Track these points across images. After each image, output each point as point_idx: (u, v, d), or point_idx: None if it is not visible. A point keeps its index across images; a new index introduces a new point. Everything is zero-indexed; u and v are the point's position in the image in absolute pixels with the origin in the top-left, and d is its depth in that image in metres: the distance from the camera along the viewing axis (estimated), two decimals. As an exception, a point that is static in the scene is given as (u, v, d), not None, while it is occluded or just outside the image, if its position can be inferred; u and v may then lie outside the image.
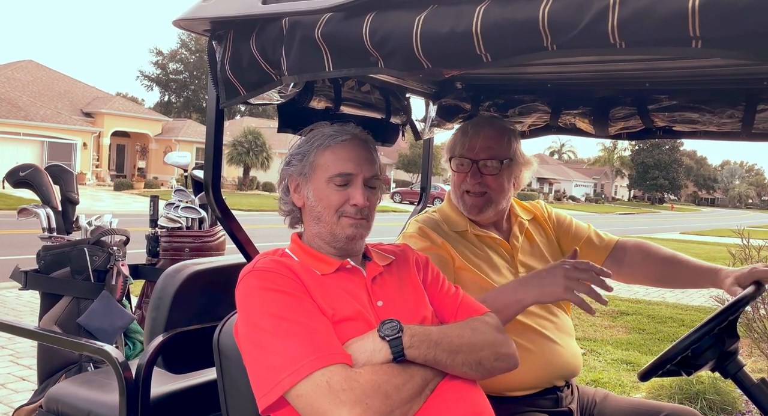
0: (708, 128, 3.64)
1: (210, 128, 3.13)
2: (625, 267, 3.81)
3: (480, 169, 3.48)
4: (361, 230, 2.66)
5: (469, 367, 2.50)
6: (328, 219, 2.66)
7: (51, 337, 3.84)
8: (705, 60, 3.11)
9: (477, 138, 3.49)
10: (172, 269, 3.28)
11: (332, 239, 2.67)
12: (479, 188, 3.49)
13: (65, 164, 5.96)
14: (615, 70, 3.60)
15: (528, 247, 3.69)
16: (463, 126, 3.72)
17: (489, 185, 3.49)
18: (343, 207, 2.64)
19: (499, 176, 3.50)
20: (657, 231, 45.51)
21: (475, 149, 3.49)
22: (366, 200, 2.64)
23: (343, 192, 2.64)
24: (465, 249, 3.47)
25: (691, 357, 2.94)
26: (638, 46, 1.88)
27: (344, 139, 2.69)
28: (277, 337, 2.33)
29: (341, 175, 2.64)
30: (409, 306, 2.66)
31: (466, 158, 3.51)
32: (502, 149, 3.51)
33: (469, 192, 3.53)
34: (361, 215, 2.65)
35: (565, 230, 3.90)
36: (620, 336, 11.17)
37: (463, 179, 3.54)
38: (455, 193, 3.61)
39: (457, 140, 3.61)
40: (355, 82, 3.82)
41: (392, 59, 2.30)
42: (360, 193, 2.63)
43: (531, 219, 3.84)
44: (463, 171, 3.53)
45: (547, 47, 1.99)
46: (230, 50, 2.80)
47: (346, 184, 2.65)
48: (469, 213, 3.55)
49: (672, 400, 6.74)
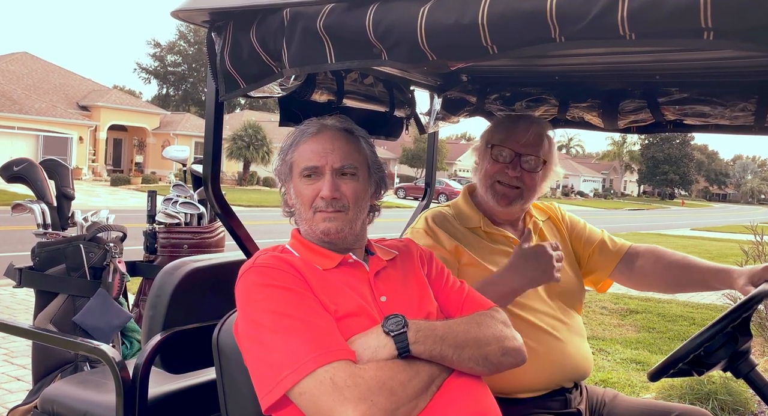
0: (720, 121, 3.64)
1: (209, 122, 3.13)
2: (636, 272, 3.82)
3: (521, 163, 3.48)
4: (336, 224, 2.65)
5: (475, 362, 2.51)
6: (305, 216, 2.70)
7: (46, 336, 3.85)
8: (717, 52, 3.10)
9: (526, 132, 3.48)
10: (171, 267, 3.28)
11: (314, 235, 2.69)
12: (515, 182, 3.49)
13: (61, 159, 5.95)
14: (624, 62, 3.59)
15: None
16: (508, 117, 3.74)
17: (525, 181, 3.49)
18: (316, 202, 2.66)
19: (536, 175, 3.51)
20: (667, 228, 45.47)
21: (521, 141, 3.48)
22: (335, 191, 2.63)
23: (313, 186, 2.67)
24: (476, 245, 3.48)
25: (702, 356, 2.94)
26: (648, 38, 1.87)
27: (312, 132, 2.73)
28: (278, 334, 2.33)
29: (307, 168, 2.67)
30: (413, 301, 2.67)
31: (509, 149, 3.49)
32: (544, 149, 3.52)
33: (501, 182, 3.51)
34: (334, 208, 2.64)
35: (578, 234, 3.90)
36: (630, 335, 11.17)
37: (499, 170, 3.51)
38: (485, 182, 3.58)
39: (501, 128, 3.60)
40: (358, 75, 3.82)
41: (396, 51, 2.30)
42: (327, 184, 2.63)
43: (545, 220, 3.85)
44: (504, 161, 3.51)
45: (555, 39, 1.99)
46: (230, 42, 2.79)
47: (315, 178, 2.67)
48: (498, 203, 3.53)
49: (683, 401, 6.73)
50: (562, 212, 3.97)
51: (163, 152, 7.77)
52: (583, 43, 1.97)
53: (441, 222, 3.53)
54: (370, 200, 2.80)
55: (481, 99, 4.25)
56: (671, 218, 66.96)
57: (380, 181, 2.85)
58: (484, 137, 3.67)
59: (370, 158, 2.80)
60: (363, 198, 2.73)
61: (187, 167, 7.25)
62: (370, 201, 2.80)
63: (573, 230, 3.91)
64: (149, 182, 53.68)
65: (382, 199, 2.90)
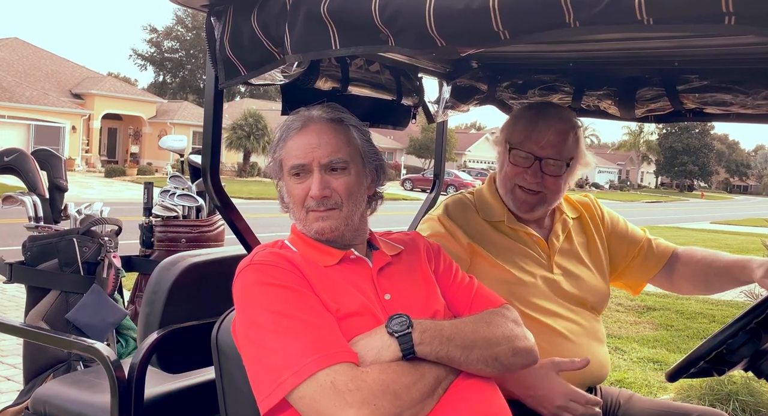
0: (741, 110, 3.62)
1: (208, 110, 3.13)
2: (677, 277, 3.82)
3: (542, 167, 3.40)
4: (330, 223, 2.63)
5: (485, 363, 2.49)
6: (299, 215, 2.69)
7: (38, 334, 3.86)
8: (739, 37, 3.08)
9: (546, 132, 3.40)
10: (168, 262, 3.29)
11: (310, 234, 2.68)
12: (536, 187, 3.43)
13: (53, 149, 5.95)
14: (642, 48, 3.58)
15: (567, 247, 3.64)
16: (527, 113, 3.62)
17: (547, 185, 3.43)
18: (307, 201, 2.64)
19: (560, 178, 3.45)
20: (686, 220, 45.47)
21: (541, 144, 3.39)
22: (324, 189, 2.60)
23: (302, 185, 2.64)
24: (495, 242, 3.44)
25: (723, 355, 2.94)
26: (667, 23, 1.86)
27: (297, 127, 2.70)
28: (277, 335, 2.33)
29: (294, 167, 2.65)
30: (419, 299, 2.66)
31: (528, 153, 3.41)
32: (568, 147, 3.44)
33: (522, 188, 3.45)
34: (326, 206, 2.62)
35: (620, 234, 3.85)
36: (647, 333, 11.17)
37: (518, 173, 3.45)
38: (505, 185, 3.53)
39: (520, 128, 3.50)
40: (364, 62, 3.81)
41: (403, 37, 2.29)
42: (315, 183, 2.60)
43: (576, 218, 3.78)
44: (523, 166, 3.43)
45: (569, 23, 1.97)
46: (230, 27, 2.79)
47: (303, 176, 2.64)
48: (519, 210, 3.51)
49: (702, 401, 6.73)
50: (601, 209, 3.89)
51: (159, 142, 7.76)
52: (599, 28, 1.96)
53: (461, 212, 3.50)
54: (367, 191, 2.76)
55: (492, 87, 4.24)
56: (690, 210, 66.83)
57: (378, 168, 2.82)
58: (503, 131, 3.60)
59: (362, 147, 2.75)
60: (357, 192, 2.69)
61: (185, 157, 7.24)
62: (367, 192, 2.76)
63: (613, 230, 3.85)
64: (145, 173, 53.73)
65: (383, 185, 2.88)
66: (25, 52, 65.91)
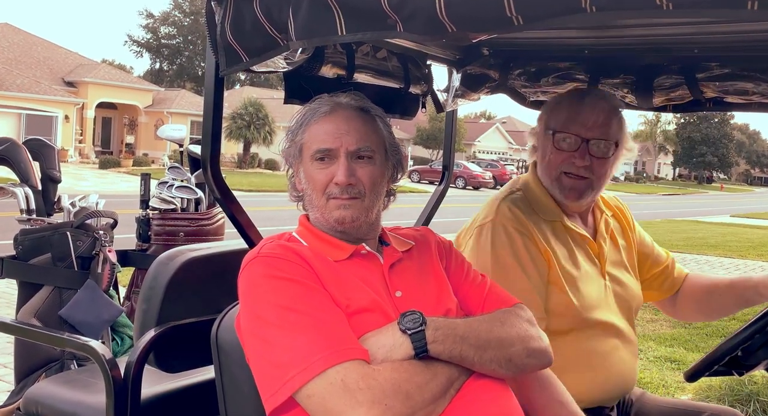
0: (763, 99, 3.61)
1: (208, 99, 3.13)
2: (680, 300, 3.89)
3: (589, 149, 3.36)
4: (352, 212, 2.62)
5: (498, 364, 2.49)
6: (317, 203, 2.66)
7: (29, 331, 3.87)
8: (761, 23, 3.07)
9: (593, 112, 3.37)
10: (165, 256, 3.29)
11: (326, 224, 2.67)
12: (584, 173, 3.38)
13: (46, 139, 5.95)
14: (660, 34, 3.58)
15: (613, 252, 3.64)
16: (568, 96, 3.63)
17: (594, 169, 3.39)
18: (329, 188, 2.62)
19: (607, 161, 3.41)
20: (704, 214, 45.28)
21: (587, 125, 3.36)
22: (350, 176, 2.60)
23: (326, 170, 2.63)
24: (557, 247, 3.39)
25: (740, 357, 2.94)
26: (687, 8, 1.85)
27: (325, 111, 2.69)
28: (284, 331, 2.33)
29: (320, 151, 2.63)
30: (431, 297, 2.66)
31: (575, 135, 3.37)
32: (614, 129, 3.41)
33: (568, 174, 3.41)
34: (350, 195, 2.61)
35: (646, 251, 3.87)
36: (664, 331, 11.16)
37: (565, 159, 3.40)
38: (549, 173, 3.48)
39: (562, 109, 3.47)
40: (371, 48, 3.80)
41: (412, 22, 2.27)
42: (342, 169, 2.60)
43: (612, 216, 3.78)
44: (569, 149, 3.38)
45: (585, 9, 1.96)
46: (231, 12, 2.79)
47: (328, 161, 2.63)
48: (566, 197, 3.46)
49: (722, 402, 6.72)
50: (630, 219, 3.89)
51: (157, 132, 7.77)
52: (617, 14, 1.96)
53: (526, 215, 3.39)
54: (386, 186, 2.77)
55: (504, 74, 4.22)
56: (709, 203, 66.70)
57: (397, 164, 2.82)
58: (542, 120, 3.57)
59: (387, 139, 2.77)
60: (380, 184, 2.70)
61: (183, 147, 7.24)
62: (386, 186, 2.77)
63: (642, 245, 3.86)
64: (141, 164, 53.70)
65: (398, 183, 2.88)
66: (16, 39, 65.94)
